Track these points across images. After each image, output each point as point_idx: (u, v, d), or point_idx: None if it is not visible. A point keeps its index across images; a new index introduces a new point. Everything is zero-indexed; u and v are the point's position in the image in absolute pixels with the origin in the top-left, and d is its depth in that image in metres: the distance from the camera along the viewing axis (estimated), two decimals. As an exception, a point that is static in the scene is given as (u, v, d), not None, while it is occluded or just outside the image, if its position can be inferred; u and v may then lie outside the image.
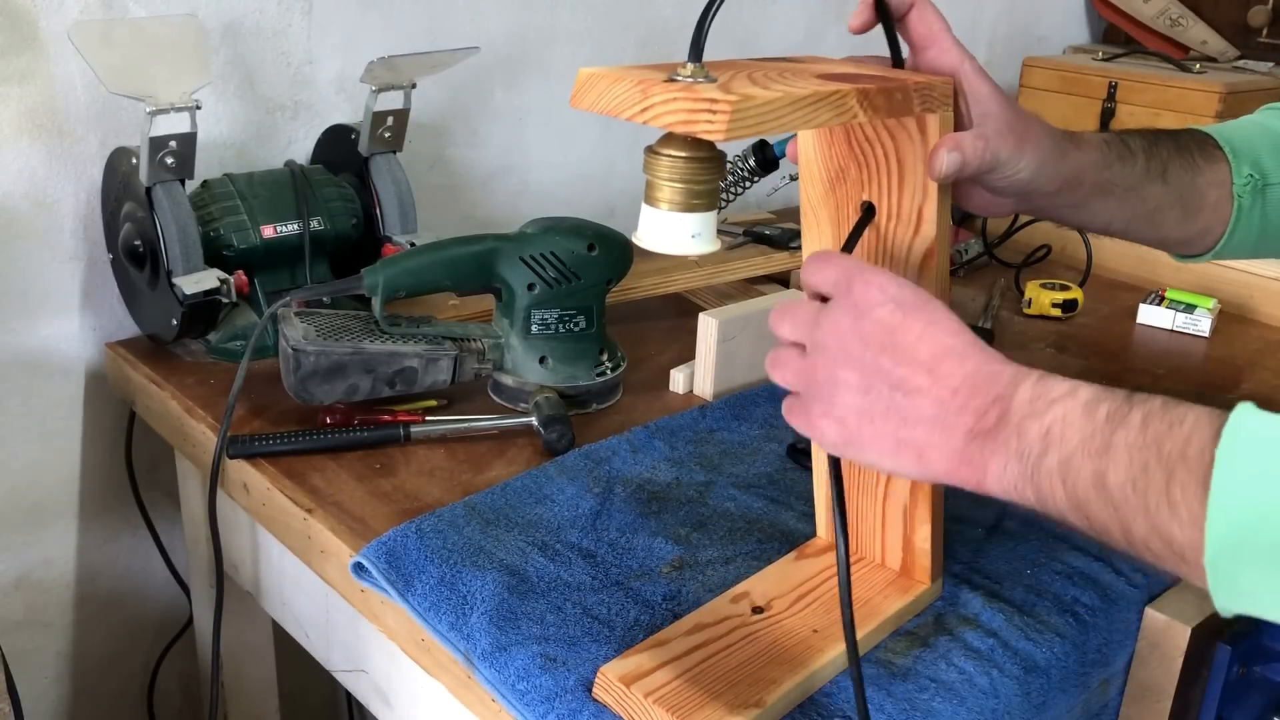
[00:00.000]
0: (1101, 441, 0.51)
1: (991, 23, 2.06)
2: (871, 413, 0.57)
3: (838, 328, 0.58)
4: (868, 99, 0.60)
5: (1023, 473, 0.54)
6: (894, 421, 0.57)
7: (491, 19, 1.38)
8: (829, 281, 0.60)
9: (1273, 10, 2.02)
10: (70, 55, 1.06)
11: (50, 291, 1.13)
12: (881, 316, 0.57)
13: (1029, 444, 0.53)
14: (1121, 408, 0.52)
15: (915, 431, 0.56)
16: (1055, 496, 0.53)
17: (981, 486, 0.55)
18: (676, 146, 0.60)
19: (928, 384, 0.56)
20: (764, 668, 0.69)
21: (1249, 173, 0.79)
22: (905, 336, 0.57)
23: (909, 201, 0.67)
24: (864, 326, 0.58)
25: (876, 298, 0.58)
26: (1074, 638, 0.78)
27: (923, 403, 0.56)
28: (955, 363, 0.56)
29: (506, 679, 0.69)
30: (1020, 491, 0.54)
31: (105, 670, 1.31)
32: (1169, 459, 0.49)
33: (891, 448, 0.57)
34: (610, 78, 0.57)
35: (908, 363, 0.57)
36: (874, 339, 0.57)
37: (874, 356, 0.57)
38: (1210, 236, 0.81)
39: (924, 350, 0.56)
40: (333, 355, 0.93)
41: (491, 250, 0.99)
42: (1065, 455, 0.52)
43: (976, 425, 0.55)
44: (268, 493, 0.90)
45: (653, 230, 0.63)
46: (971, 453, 0.55)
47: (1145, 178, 0.76)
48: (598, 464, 0.93)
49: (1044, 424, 0.53)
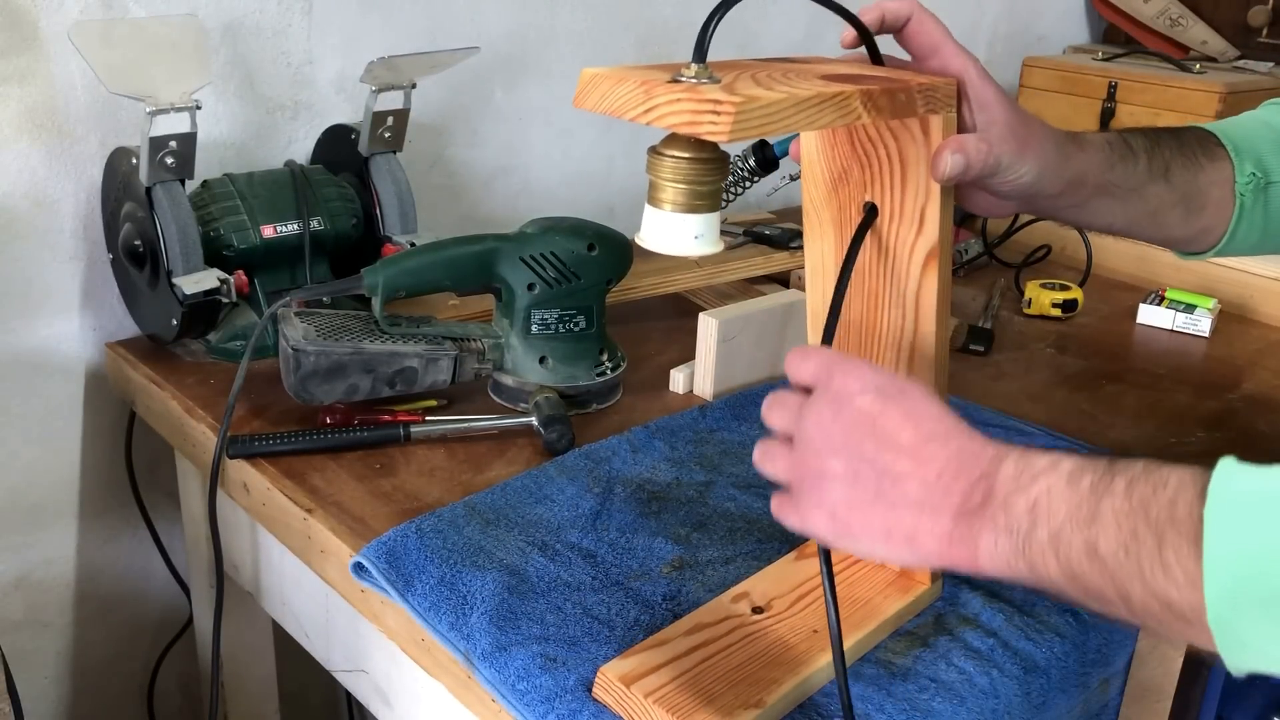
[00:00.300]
0: (1089, 511, 0.51)
1: (991, 23, 2.06)
2: (860, 502, 0.58)
3: (820, 418, 0.59)
4: (871, 100, 0.60)
5: (1014, 548, 0.54)
6: (882, 508, 0.57)
7: (491, 19, 1.38)
8: (809, 374, 0.61)
9: (1273, 10, 2.02)
10: (70, 55, 1.06)
11: (50, 291, 1.13)
12: (862, 405, 0.58)
13: (1017, 519, 0.54)
14: (1105, 476, 0.52)
15: (904, 517, 0.57)
16: (1049, 569, 0.53)
17: (974, 565, 0.56)
18: (680, 147, 0.60)
19: (912, 468, 0.56)
20: (764, 668, 0.69)
21: (1251, 171, 0.79)
22: (887, 423, 0.57)
23: (912, 203, 0.67)
24: (846, 416, 0.58)
25: (856, 387, 0.58)
26: (1074, 638, 0.78)
27: (909, 487, 0.56)
28: (938, 445, 0.56)
29: (506, 679, 0.69)
30: (1013, 567, 0.54)
31: (105, 670, 1.31)
32: (1157, 522, 0.49)
33: (882, 535, 0.58)
34: (614, 78, 0.57)
35: (891, 449, 0.57)
36: (856, 427, 0.58)
37: (858, 444, 0.57)
38: (1212, 235, 0.81)
39: (906, 436, 0.57)
40: (333, 355, 0.93)
41: (491, 250, 0.99)
42: (1054, 528, 0.52)
43: (963, 505, 0.55)
44: (268, 493, 0.90)
45: (656, 231, 0.63)
46: (961, 532, 0.55)
47: (1148, 178, 0.76)
48: (598, 464, 0.93)
49: (1030, 498, 0.53)
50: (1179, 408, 1.12)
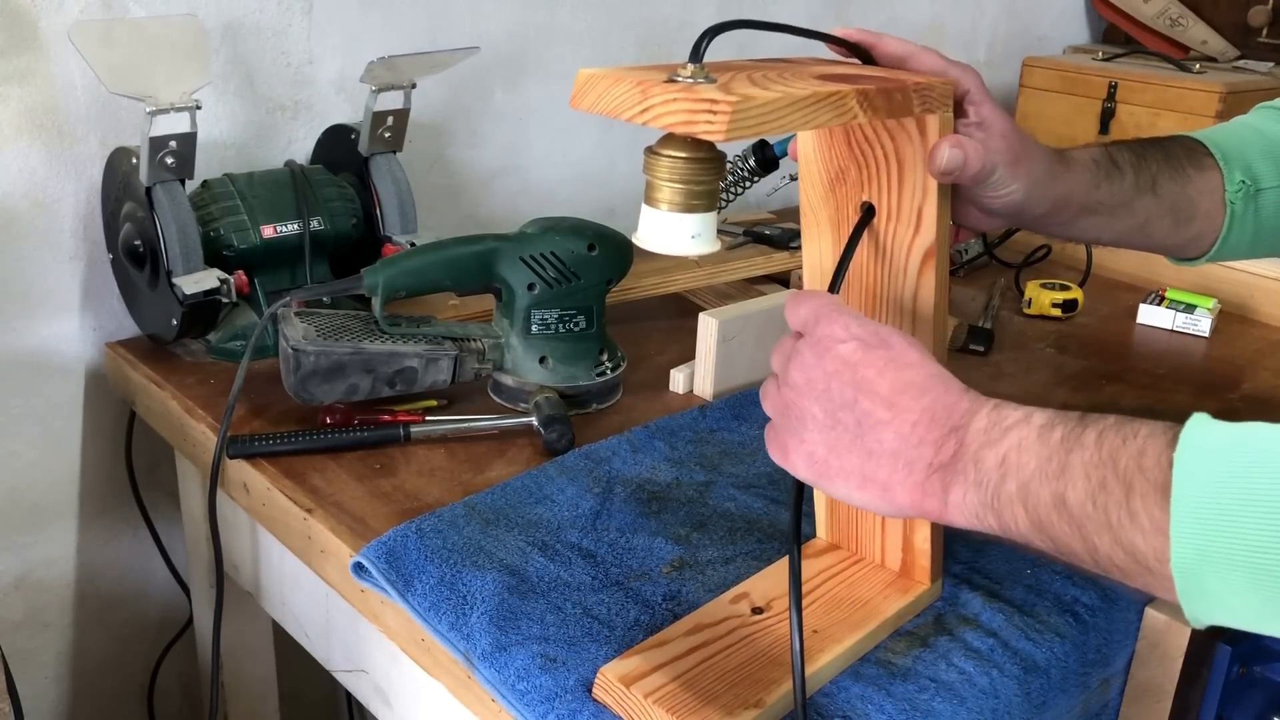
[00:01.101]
0: (1058, 464, 0.52)
1: (991, 23, 2.06)
2: (838, 447, 0.59)
3: (804, 364, 0.60)
4: (867, 100, 0.60)
5: (983, 501, 0.54)
6: (859, 455, 0.58)
7: (491, 19, 1.38)
8: (799, 320, 0.62)
9: (1273, 10, 2.02)
10: (70, 55, 1.06)
11: (50, 291, 1.13)
12: (843, 353, 0.59)
13: (986, 473, 0.54)
14: (1075, 429, 0.52)
15: (880, 466, 0.57)
16: (1017, 522, 0.54)
17: (943, 517, 0.56)
18: (676, 147, 0.60)
19: (888, 418, 0.57)
20: (764, 668, 0.69)
21: (1241, 179, 0.79)
22: (866, 372, 0.58)
23: (909, 202, 0.67)
24: (827, 363, 0.59)
25: (840, 334, 0.59)
26: (1074, 638, 0.78)
27: (885, 436, 0.57)
28: (913, 396, 0.57)
29: (506, 679, 0.69)
30: (982, 519, 0.55)
31: (105, 670, 1.31)
32: (1126, 472, 0.49)
33: (858, 482, 0.58)
34: (610, 78, 0.57)
35: (869, 397, 0.58)
36: (837, 375, 0.59)
37: (838, 391, 0.58)
38: (1203, 242, 0.81)
39: (884, 385, 0.57)
40: (333, 355, 0.93)
41: (491, 250, 0.99)
42: (1023, 480, 0.53)
43: (935, 458, 0.56)
44: (268, 493, 0.90)
45: (653, 231, 0.63)
46: (932, 485, 0.56)
47: (1135, 193, 0.76)
48: (598, 464, 0.93)
49: (1000, 452, 0.54)
50: (1179, 408, 1.12)
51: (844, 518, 0.80)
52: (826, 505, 0.81)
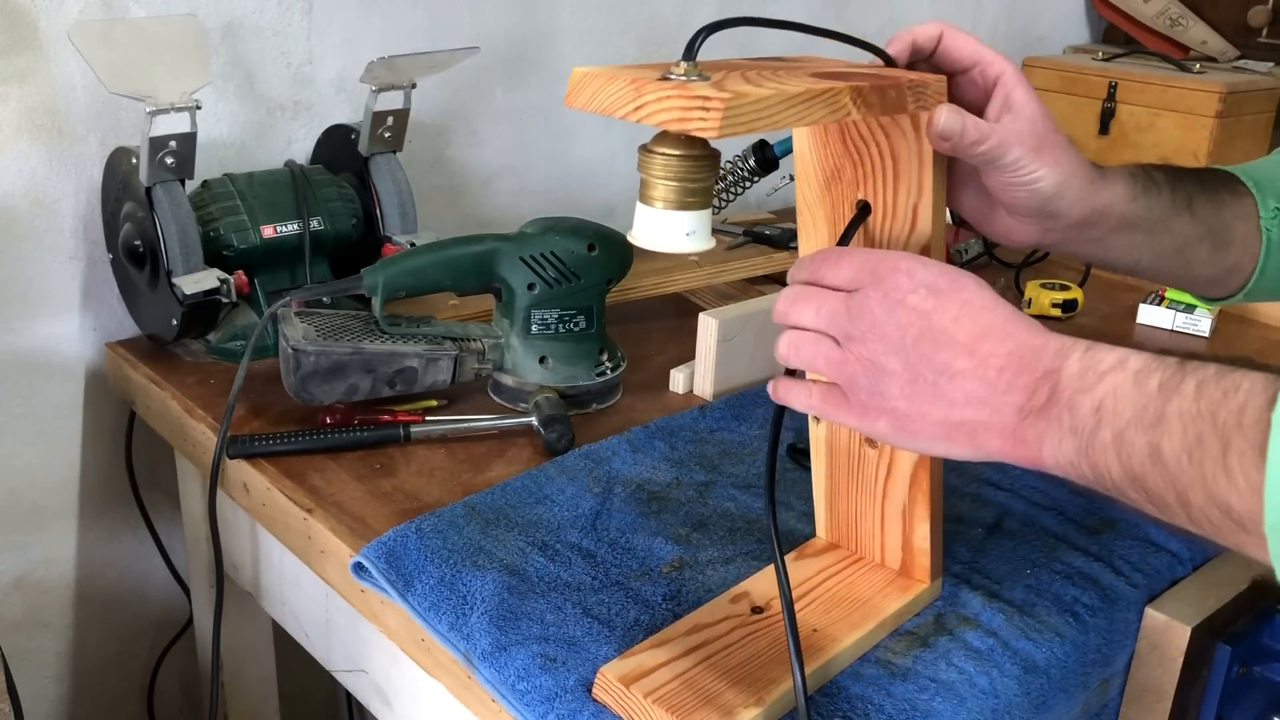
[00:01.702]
0: (1155, 413, 0.50)
1: (991, 23, 2.06)
2: (919, 399, 0.57)
3: (873, 318, 0.58)
4: (861, 96, 0.60)
5: (1078, 448, 0.53)
6: (943, 406, 0.57)
7: (491, 19, 1.38)
8: (848, 277, 0.60)
9: (1273, 10, 2.02)
10: (70, 55, 1.06)
11: (50, 291, 1.13)
12: (915, 303, 0.57)
13: (1082, 419, 0.53)
14: (1174, 377, 0.51)
15: (966, 414, 0.56)
16: (1111, 471, 0.52)
17: (1038, 463, 0.55)
18: (670, 145, 0.60)
19: (971, 366, 0.56)
20: (764, 668, 0.69)
21: (1275, 206, 0.77)
22: (941, 319, 0.57)
23: (904, 199, 0.67)
24: (899, 315, 0.57)
25: (906, 284, 0.58)
26: (1074, 638, 0.78)
27: (970, 385, 0.56)
28: (996, 341, 0.56)
29: (506, 679, 0.69)
30: (1076, 468, 0.54)
31: (105, 670, 1.31)
32: (1224, 428, 0.48)
33: (943, 432, 0.57)
34: (604, 77, 0.57)
35: (948, 346, 0.56)
36: (911, 327, 0.57)
37: (914, 343, 0.57)
38: (1240, 274, 0.79)
39: (963, 332, 0.56)
40: (333, 355, 0.93)
41: (491, 250, 0.99)
42: (1119, 429, 0.51)
43: (1028, 403, 0.55)
44: (268, 493, 0.90)
45: (647, 228, 0.63)
46: (1025, 431, 0.55)
47: (1172, 210, 0.74)
48: (598, 464, 0.93)
49: (1096, 398, 0.53)
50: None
51: (843, 517, 0.80)
52: (826, 504, 0.81)
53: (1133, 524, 0.89)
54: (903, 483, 0.74)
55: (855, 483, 0.77)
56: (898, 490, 0.75)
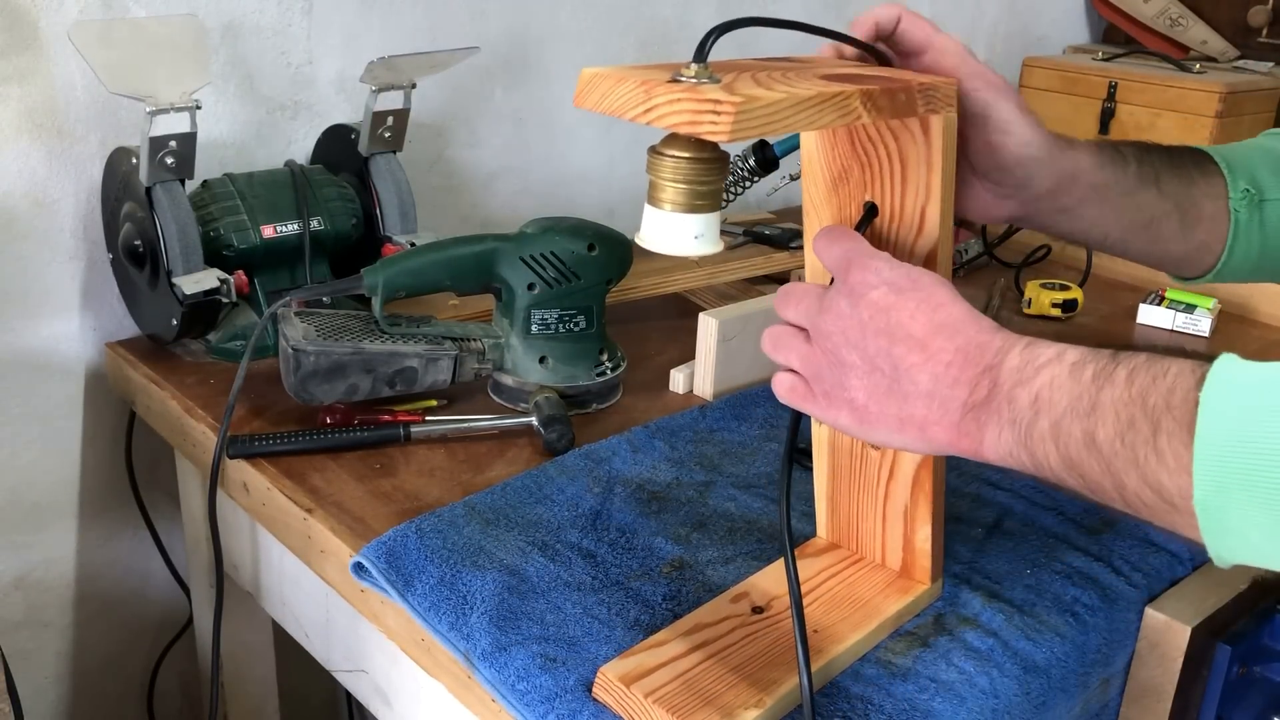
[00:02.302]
0: (1089, 401, 0.52)
1: (991, 23, 2.06)
2: (877, 393, 0.59)
3: (840, 312, 0.60)
4: (871, 100, 0.60)
5: (1016, 439, 0.55)
6: (897, 399, 0.59)
7: (491, 19, 1.38)
8: (833, 260, 0.62)
9: (1273, 10, 2.02)
10: (70, 55, 1.06)
11: (50, 291, 1.13)
12: (876, 299, 0.59)
13: (1020, 411, 0.55)
14: (1107, 366, 0.53)
15: (916, 407, 0.58)
16: (1049, 459, 0.54)
17: (979, 455, 0.57)
18: (680, 147, 0.60)
19: (922, 360, 0.58)
20: (764, 668, 0.69)
21: (1245, 187, 0.78)
22: (899, 315, 0.59)
23: (912, 203, 0.67)
24: (861, 310, 0.60)
25: (872, 280, 0.60)
26: (1074, 638, 0.78)
27: (920, 378, 0.58)
28: (946, 337, 0.58)
29: (506, 679, 0.69)
30: (1016, 458, 0.56)
31: (105, 670, 1.31)
32: (1154, 410, 0.50)
33: (897, 425, 0.59)
34: (614, 78, 0.56)
35: (903, 341, 0.58)
36: (871, 321, 0.59)
37: (873, 338, 0.59)
38: (1209, 254, 0.80)
39: (917, 327, 0.58)
40: (333, 355, 0.93)
41: (491, 250, 0.99)
42: (1055, 418, 0.53)
43: (970, 397, 0.57)
44: (268, 493, 0.90)
45: (656, 231, 0.63)
46: (968, 424, 0.57)
47: (1139, 183, 0.76)
48: (598, 464, 0.93)
49: (1033, 390, 0.55)
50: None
51: (844, 517, 0.80)
52: (827, 504, 0.81)
53: (1133, 524, 0.89)
54: (905, 484, 0.74)
55: (857, 483, 0.77)
56: (900, 492, 0.75)
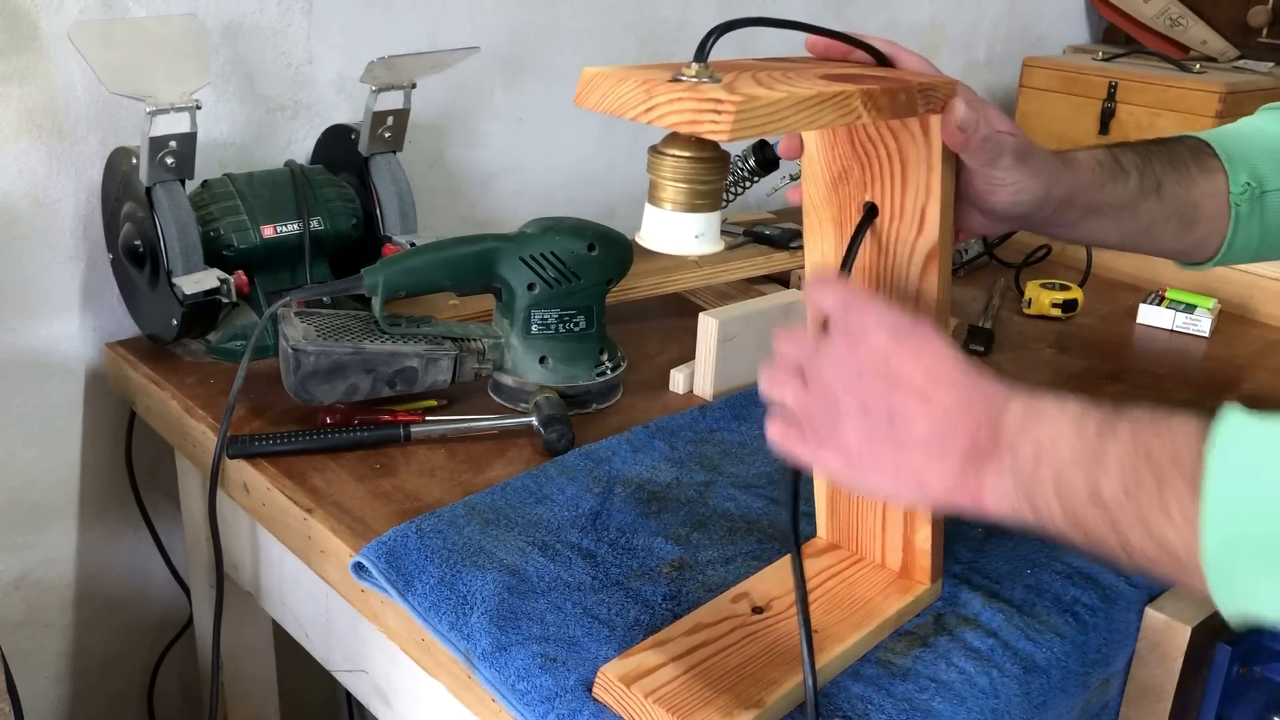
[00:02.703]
0: (1093, 454, 0.52)
1: (991, 23, 2.06)
2: (871, 440, 0.58)
3: (836, 356, 0.60)
4: (871, 100, 0.60)
5: (1018, 490, 0.55)
6: (892, 447, 0.58)
7: (491, 19, 1.38)
8: (829, 305, 0.61)
9: (1273, 10, 2.02)
10: (70, 55, 1.06)
11: (50, 291, 1.13)
12: (875, 344, 0.59)
13: (1022, 462, 0.54)
14: (1109, 420, 0.53)
15: (913, 457, 0.57)
16: (1052, 512, 0.54)
17: (979, 506, 0.56)
18: (681, 146, 0.60)
19: (921, 409, 0.57)
20: (764, 668, 0.69)
21: (1246, 180, 0.78)
22: (898, 362, 0.58)
23: (912, 202, 0.67)
24: (859, 355, 0.59)
25: (871, 325, 0.59)
26: (1074, 638, 0.78)
27: (918, 427, 0.57)
28: (946, 386, 0.57)
29: (506, 679, 0.69)
30: (1017, 509, 0.55)
31: (105, 670, 1.31)
32: (1160, 465, 0.50)
33: (891, 474, 0.58)
34: (615, 77, 0.57)
35: (901, 388, 0.58)
36: (869, 367, 0.58)
37: (870, 384, 0.58)
38: (1209, 246, 0.81)
39: (917, 375, 0.58)
40: (333, 355, 0.93)
41: (491, 250, 0.99)
42: (1058, 470, 0.53)
43: (970, 447, 0.56)
44: (268, 493, 0.90)
45: (656, 230, 0.63)
46: (968, 475, 0.56)
47: (1139, 195, 0.76)
48: (598, 464, 0.93)
49: (1035, 441, 0.54)
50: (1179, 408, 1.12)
51: (844, 517, 0.80)
52: (827, 505, 0.81)
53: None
54: (903, 483, 0.74)
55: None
56: (898, 490, 0.75)
